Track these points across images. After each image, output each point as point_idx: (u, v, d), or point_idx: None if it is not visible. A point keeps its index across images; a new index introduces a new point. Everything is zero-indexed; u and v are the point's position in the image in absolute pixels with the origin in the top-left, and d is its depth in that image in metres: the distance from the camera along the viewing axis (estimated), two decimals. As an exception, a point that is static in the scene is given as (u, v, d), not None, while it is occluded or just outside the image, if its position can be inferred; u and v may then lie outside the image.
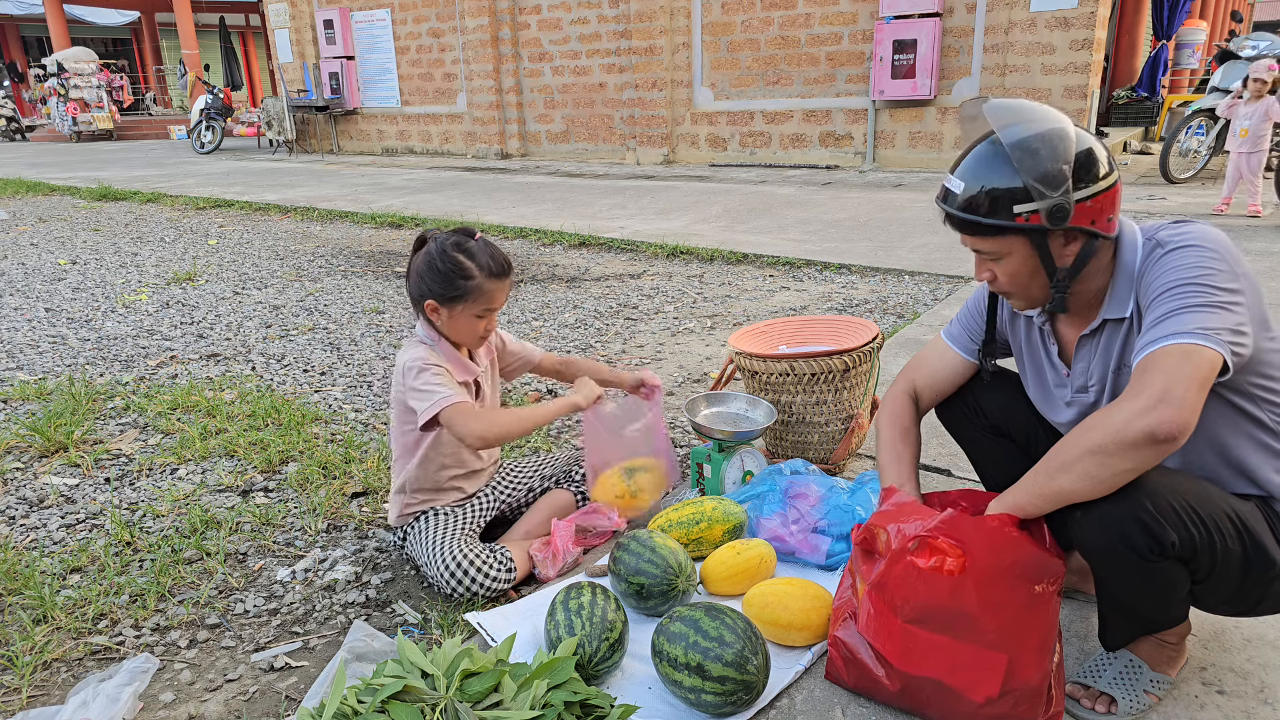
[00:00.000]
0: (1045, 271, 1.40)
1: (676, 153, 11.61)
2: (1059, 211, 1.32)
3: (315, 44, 15.14)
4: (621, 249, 6.12)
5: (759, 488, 2.09)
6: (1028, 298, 1.46)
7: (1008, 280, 1.43)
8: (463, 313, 1.91)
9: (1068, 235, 1.36)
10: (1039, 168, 1.31)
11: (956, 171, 1.41)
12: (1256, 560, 1.31)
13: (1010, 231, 1.36)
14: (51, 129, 20.47)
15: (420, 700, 1.25)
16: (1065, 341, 1.55)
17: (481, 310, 1.91)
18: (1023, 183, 1.31)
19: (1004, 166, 1.33)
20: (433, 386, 1.86)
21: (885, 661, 1.45)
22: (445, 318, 1.93)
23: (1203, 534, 1.26)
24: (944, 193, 1.43)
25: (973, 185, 1.37)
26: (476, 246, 1.89)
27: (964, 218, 1.38)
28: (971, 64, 9.10)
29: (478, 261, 1.88)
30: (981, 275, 1.47)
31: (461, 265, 1.87)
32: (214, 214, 8.49)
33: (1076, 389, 1.52)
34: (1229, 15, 17.32)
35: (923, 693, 1.43)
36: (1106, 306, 1.43)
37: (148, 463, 2.72)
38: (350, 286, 5.23)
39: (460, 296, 1.89)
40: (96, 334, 4.28)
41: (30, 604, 1.94)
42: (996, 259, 1.42)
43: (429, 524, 2.02)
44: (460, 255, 1.87)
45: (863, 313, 4.22)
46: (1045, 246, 1.37)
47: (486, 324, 1.96)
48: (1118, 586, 1.36)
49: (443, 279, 1.88)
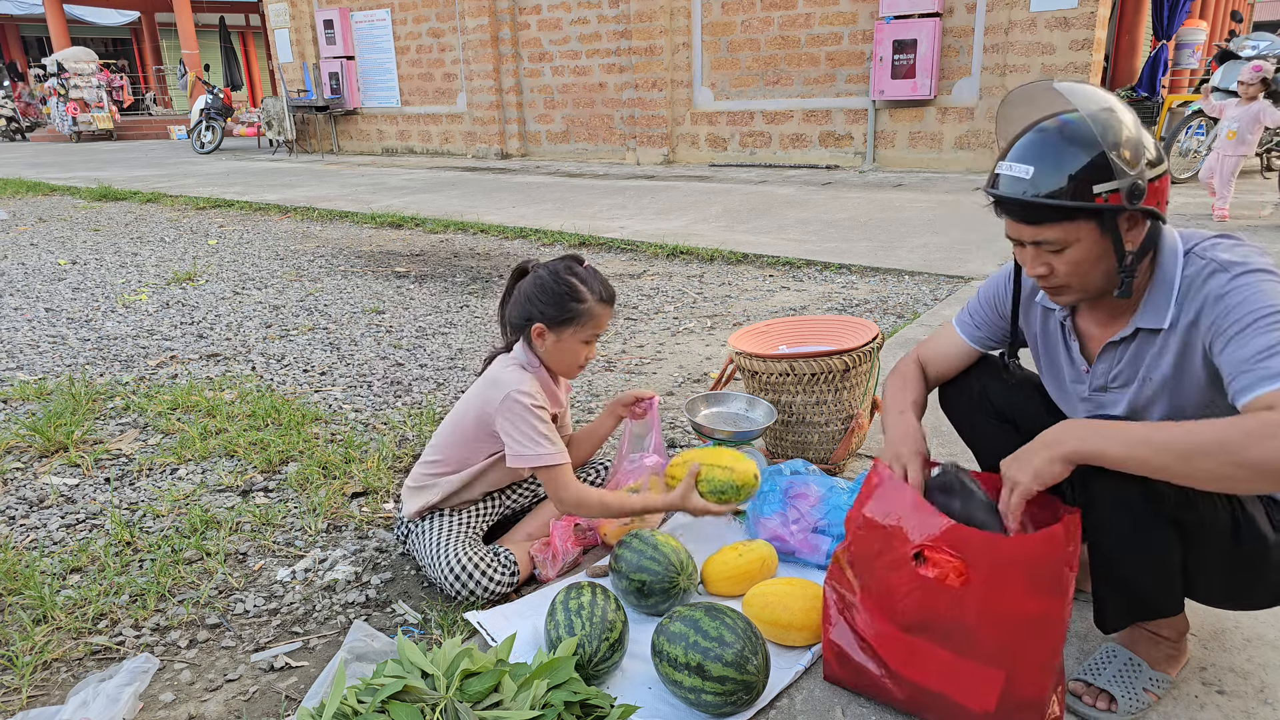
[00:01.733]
0: (1115, 256, 1.33)
1: (676, 153, 11.61)
2: (1136, 190, 1.27)
3: (315, 44, 15.14)
4: (621, 249, 6.12)
5: (759, 488, 2.09)
6: (1084, 289, 1.38)
7: (1069, 271, 1.35)
8: (571, 337, 1.92)
9: (1132, 219, 1.32)
10: (1119, 135, 1.27)
11: (1015, 157, 1.33)
12: (1247, 531, 1.31)
13: (1084, 215, 1.29)
14: (51, 129, 20.48)
15: (420, 700, 1.25)
16: (1087, 338, 1.52)
17: (589, 335, 1.93)
18: (1104, 159, 1.26)
19: (1074, 147, 1.28)
20: (541, 437, 1.86)
21: (884, 664, 1.45)
22: (551, 342, 1.93)
23: (1194, 493, 1.26)
24: (1004, 180, 1.33)
25: (1044, 168, 1.28)
26: (587, 273, 1.93)
27: (1040, 203, 1.29)
28: (971, 64, 9.10)
29: (590, 286, 1.90)
30: (1035, 269, 1.38)
31: (575, 289, 1.89)
32: (214, 214, 8.49)
33: (1095, 388, 1.50)
34: (1229, 15, 17.32)
35: (924, 697, 1.43)
36: (1141, 314, 1.39)
37: (148, 463, 2.72)
38: (350, 286, 5.23)
39: (571, 319, 1.89)
40: (96, 334, 4.28)
41: (30, 604, 1.94)
42: (1059, 249, 1.33)
43: (433, 525, 2.01)
44: (574, 279, 1.90)
45: (863, 313, 4.22)
46: (1117, 230, 1.31)
47: (588, 352, 1.97)
48: (1113, 546, 1.36)
49: (556, 301, 1.89)
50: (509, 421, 1.87)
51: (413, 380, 3.49)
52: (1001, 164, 1.36)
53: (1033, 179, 1.30)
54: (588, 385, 3.38)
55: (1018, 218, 1.35)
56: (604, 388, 3.35)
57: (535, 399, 1.88)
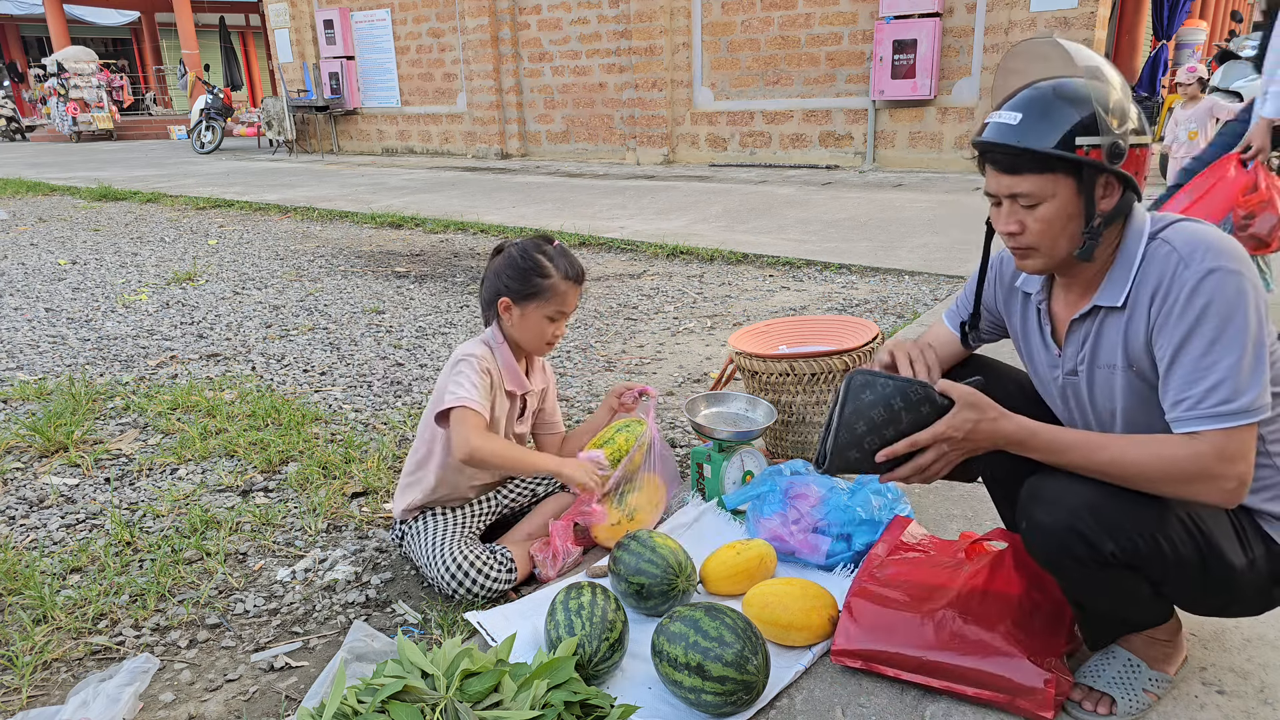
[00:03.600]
0: (1084, 217, 1.33)
1: (676, 153, 11.61)
2: (1117, 150, 1.28)
3: (315, 44, 15.14)
4: (621, 249, 6.12)
5: (759, 488, 2.09)
6: (1051, 253, 1.37)
7: (1040, 229, 1.34)
8: (535, 312, 1.97)
9: (1108, 184, 1.32)
10: (1109, 97, 1.29)
11: (1007, 106, 1.34)
12: (1214, 565, 1.30)
13: (1063, 167, 1.29)
14: (51, 129, 20.47)
15: (420, 700, 1.25)
16: (1059, 321, 1.51)
17: (554, 311, 1.98)
18: (1091, 117, 1.27)
19: (1064, 102, 1.29)
20: (464, 383, 1.89)
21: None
22: (517, 317, 1.99)
23: (1146, 541, 1.27)
24: (991, 127, 1.34)
25: (1032, 116, 1.30)
26: (555, 251, 2.00)
27: (1021, 147, 1.29)
28: (971, 64, 9.10)
29: (556, 264, 1.97)
30: (1009, 225, 1.37)
31: (541, 264, 1.96)
32: (214, 214, 8.49)
33: (1067, 372, 1.49)
34: (1229, 15, 17.33)
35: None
36: (1101, 292, 1.39)
37: (148, 463, 2.72)
38: (350, 286, 5.23)
39: (535, 294, 1.96)
40: (96, 334, 4.28)
41: (30, 604, 1.94)
42: (1033, 204, 1.33)
43: (428, 525, 2.01)
44: (540, 255, 1.97)
45: (863, 313, 4.22)
46: (1092, 188, 1.31)
47: (555, 329, 2.01)
48: (1073, 591, 1.41)
49: (521, 275, 1.96)
50: (449, 378, 1.93)
51: (413, 380, 3.49)
52: (992, 114, 1.37)
53: (1019, 125, 1.30)
54: (588, 385, 3.38)
55: (1000, 166, 1.35)
56: (604, 388, 3.35)
57: (483, 361, 1.95)
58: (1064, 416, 1.55)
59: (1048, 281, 1.52)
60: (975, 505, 2.19)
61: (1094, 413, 1.46)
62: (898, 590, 1.62)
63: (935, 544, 1.82)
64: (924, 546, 1.80)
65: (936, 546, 1.80)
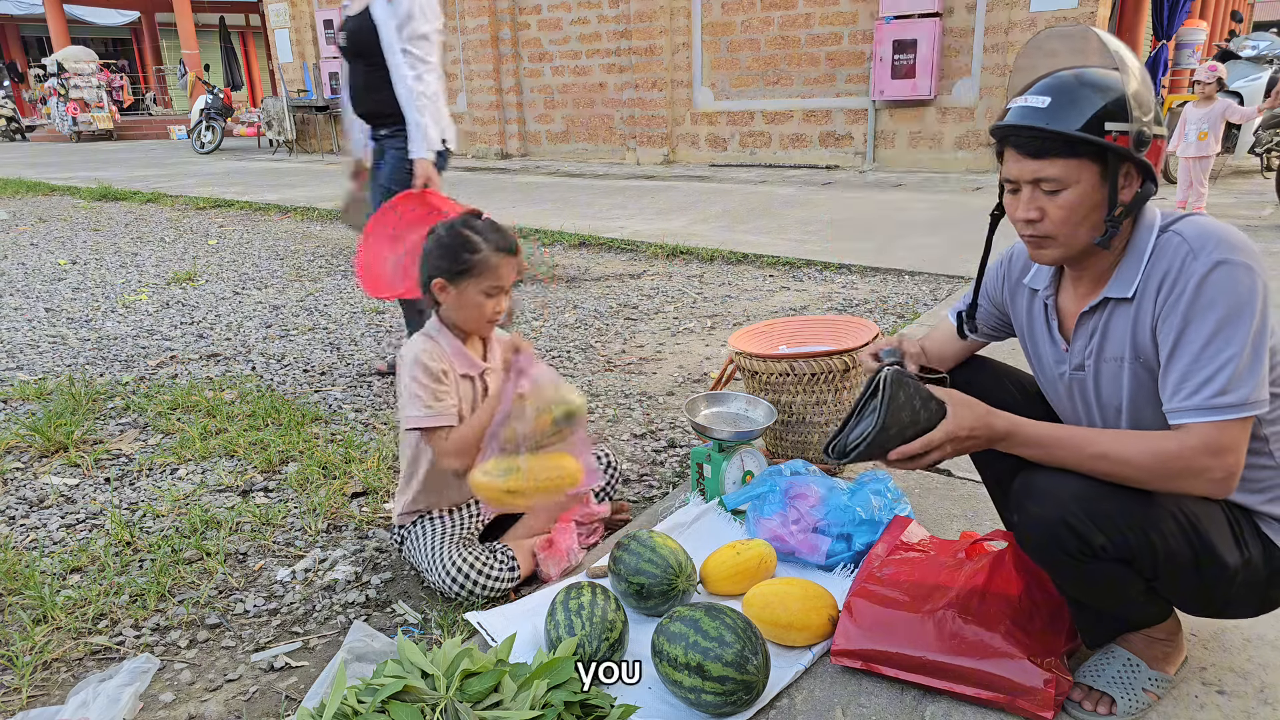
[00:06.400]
0: (1105, 205, 1.31)
1: (676, 153, 11.61)
2: (1143, 138, 1.28)
3: (315, 44, 15.14)
4: (621, 249, 6.12)
5: (759, 488, 2.09)
6: (1069, 242, 1.35)
7: (1062, 216, 1.32)
8: (470, 288, 1.89)
9: (1129, 174, 1.32)
10: (1133, 86, 1.28)
11: (1033, 90, 1.33)
12: (1207, 561, 1.30)
13: (1090, 152, 1.28)
14: (51, 129, 20.47)
15: (420, 700, 1.25)
16: (1066, 315, 1.51)
17: (489, 287, 1.90)
18: (1121, 103, 1.26)
19: (1092, 89, 1.28)
20: (413, 397, 1.86)
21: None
22: (453, 297, 1.92)
23: (1137, 536, 1.27)
24: (1016, 110, 1.33)
25: (1062, 100, 1.28)
26: (484, 224, 1.92)
27: (1051, 130, 1.27)
28: (971, 64, 9.10)
29: (485, 237, 1.89)
30: (1028, 211, 1.34)
31: (469, 239, 1.88)
32: (214, 214, 8.49)
33: (1074, 366, 1.48)
34: (1229, 15, 17.32)
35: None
36: (1111, 284, 1.38)
37: (148, 463, 2.72)
38: (350, 286, 5.23)
39: (466, 271, 1.88)
40: (96, 334, 4.28)
41: (30, 604, 1.94)
42: (1056, 190, 1.31)
43: (426, 530, 2.00)
44: (467, 230, 1.90)
45: (863, 313, 4.22)
46: (1116, 176, 1.29)
47: (495, 304, 1.92)
48: (1064, 586, 1.41)
49: (450, 254, 1.88)
50: (401, 387, 1.91)
51: (413, 380, 3.48)
52: (1015, 99, 1.35)
53: (1049, 108, 1.28)
54: (588, 385, 3.38)
55: (1025, 150, 1.32)
56: (604, 388, 3.35)
57: (428, 360, 1.88)
58: (1069, 415, 1.54)
59: (1055, 276, 1.51)
60: (975, 505, 2.19)
61: (1099, 408, 1.46)
62: (898, 590, 1.62)
63: (935, 544, 1.82)
64: (924, 546, 1.80)
65: (936, 546, 1.80)
